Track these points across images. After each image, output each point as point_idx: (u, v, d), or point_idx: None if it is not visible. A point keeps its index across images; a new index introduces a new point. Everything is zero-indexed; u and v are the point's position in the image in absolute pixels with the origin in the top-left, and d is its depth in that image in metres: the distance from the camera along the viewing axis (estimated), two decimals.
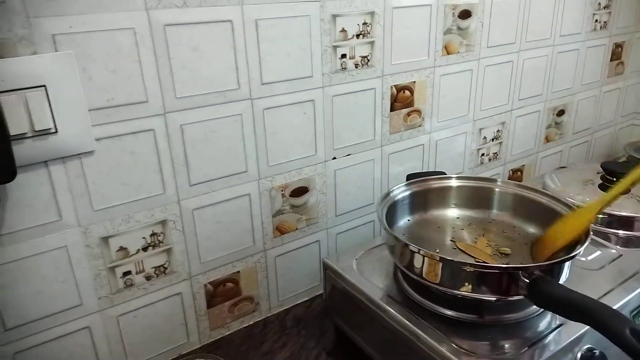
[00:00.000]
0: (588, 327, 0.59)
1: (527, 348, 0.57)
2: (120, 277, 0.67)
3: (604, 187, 0.89)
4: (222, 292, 0.78)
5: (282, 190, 0.79)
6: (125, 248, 0.67)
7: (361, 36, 0.79)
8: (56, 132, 0.56)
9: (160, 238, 0.69)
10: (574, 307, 0.49)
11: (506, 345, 0.59)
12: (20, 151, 0.55)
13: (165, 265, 0.71)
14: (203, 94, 0.66)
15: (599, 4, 1.14)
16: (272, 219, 0.80)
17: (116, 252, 0.66)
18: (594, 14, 1.14)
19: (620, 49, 1.26)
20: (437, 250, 0.68)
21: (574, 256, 0.57)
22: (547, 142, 1.20)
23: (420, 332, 0.60)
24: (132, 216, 0.66)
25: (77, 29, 0.55)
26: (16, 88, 0.53)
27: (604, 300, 0.63)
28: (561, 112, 1.19)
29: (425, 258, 0.60)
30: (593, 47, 1.18)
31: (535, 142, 1.17)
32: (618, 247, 0.78)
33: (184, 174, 0.68)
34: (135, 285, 0.69)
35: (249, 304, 0.82)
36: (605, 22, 1.18)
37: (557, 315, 0.62)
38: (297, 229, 0.83)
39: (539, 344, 0.58)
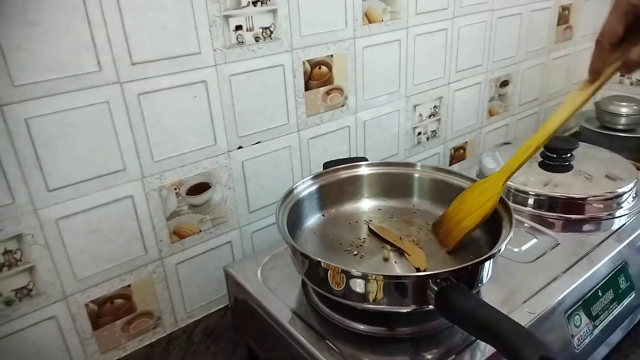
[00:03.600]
0: None
1: None
2: None
3: (544, 165, 0.81)
4: (111, 311, 0.67)
5: (175, 189, 0.68)
6: None
7: (259, 4, 0.67)
8: None
9: (16, 256, 0.57)
10: (481, 325, 0.40)
11: None
12: None
13: (29, 287, 0.59)
14: (50, 80, 0.54)
15: None
16: (167, 222, 0.69)
17: None
18: None
19: (567, 12, 1.17)
20: (354, 251, 0.59)
21: (489, 257, 0.48)
22: (491, 116, 1.11)
23: (319, 354, 0.51)
24: None
25: None
26: None
27: (535, 300, 0.56)
28: (505, 83, 1.10)
29: (320, 266, 0.51)
30: (537, 10, 1.09)
31: (477, 116, 1.08)
32: (558, 232, 0.69)
33: (37, 177, 0.56)
34: None
35: (148, 320, 0.71)
36: None
37: None
38: (200, 231, 0.73)
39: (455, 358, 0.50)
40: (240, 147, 0.73)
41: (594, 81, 0.52)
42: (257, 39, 0.69)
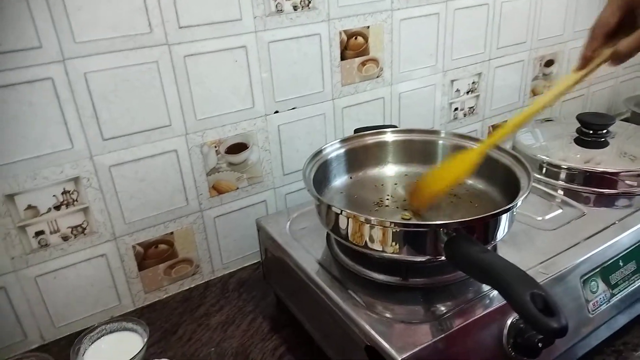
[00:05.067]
0: None
1: (448, 312, 0.51)
2: (33, 237, 0.64)
3: (580, 141, 0.80)
4: (155, 254, 0.74)
5: (215, 147, 0.73)
6: (35, 207, 0.63)
7: None
8: None
9: (73, 196, 0.65)
10: (482, 268, 0.43)
11: (429, 310, 0.53)
12: None
13: (84, 225, 0.67)
14: (108, 38, 0.60)
15: None
16: (207, 177, 0.74)
17: (24, 210, 0.62)
18: None
19: None
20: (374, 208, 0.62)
21: (499, 212, 0.50)
22: (534, 95, 1.10)
23: (341, 302, 0.55)
24: (37, 172, 0.61)
25: None
26: None
27: (551, 262, 0.57)
28: (550, 62, 1.09)
29: (336, 214, 0.55)
30: None
31: (519, 95, 1.07)
32: (586, 205, 0.69)
33: (93, 126, 0.63)
34: (51, 246, 0.65)
35: (188, 266, 0.78)
36: None
37: None
38: (237, 188, 0.78)
39: (463, 308, 0.52)
40: (276, 112, 0.77)
41: (583, 68, 0.54)
42: (295, 7, 0.72)
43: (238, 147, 0.76)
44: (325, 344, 0.61)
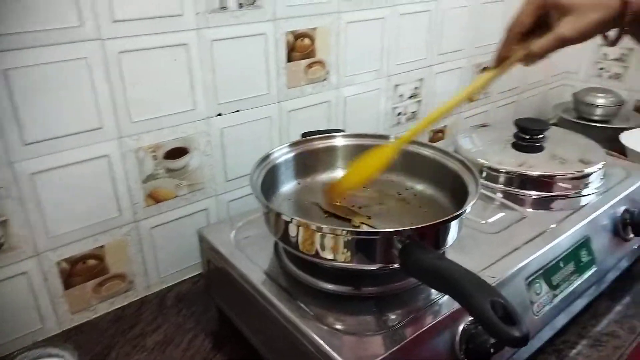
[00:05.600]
0: None
1: (401, 322, 0.50)
2: None
3: (516, 145, 0.83)
4: (83, 271, 0.67)
5: (152, 152, 0.68)
6: None
7: None
8: None
9: None
10: (439, 276, 0.42)
11: (381, 320, 0.52)
12: None
13: (2, 241, 0.59)
14: (32, 32, 0.54)
15: None
16: (143, 184, 0.69)
17: None
18: None
19: None
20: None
21: (450, 219, 0.50)
22: (471, 101, 1.13)
23: (289, 313, 0.52)
24: None
25: None
26: None
27: (497, 266, 0.58)
28: (486, 69, 1.12)
29: (285, 222, 0.52)
30: None
31: None
32: (525, 208, 0.71)
33: (13, 130, 0.56)
34: None
35: (120, 282, 0.72)
36: None
37: None
38: (176, 196, 0.73)
39: (415, 317, 0.51)
40: (219, 114, 0.73)
41: (497, 67, 0.55)
42: (240, 5, 0.69)
43: (178, 152, 0.71)
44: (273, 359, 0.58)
